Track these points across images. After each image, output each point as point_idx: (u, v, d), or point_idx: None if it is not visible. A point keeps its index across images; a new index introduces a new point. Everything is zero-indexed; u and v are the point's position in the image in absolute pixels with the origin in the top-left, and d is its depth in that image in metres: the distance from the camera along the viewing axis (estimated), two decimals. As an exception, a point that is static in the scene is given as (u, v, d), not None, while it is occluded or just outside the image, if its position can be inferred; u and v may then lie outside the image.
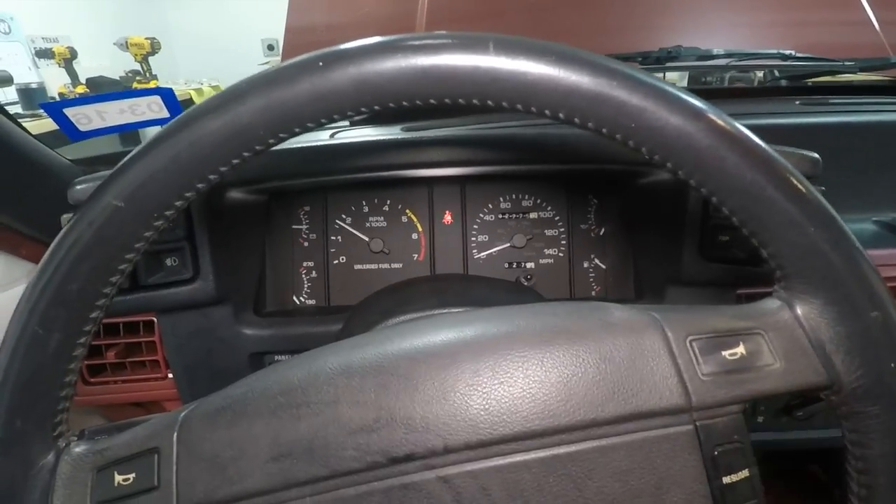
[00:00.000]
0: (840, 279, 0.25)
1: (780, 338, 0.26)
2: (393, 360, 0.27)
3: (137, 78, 3.04)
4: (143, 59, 2.99)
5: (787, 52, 0.76)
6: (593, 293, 0.64)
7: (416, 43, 0.25)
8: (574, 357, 0.26)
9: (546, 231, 0.63)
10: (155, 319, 0.54)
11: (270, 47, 3.73)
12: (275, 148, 0.27)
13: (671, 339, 0.26)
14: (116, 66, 3.22)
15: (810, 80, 0.88)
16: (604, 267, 0.63)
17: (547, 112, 0.26)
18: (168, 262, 0.49)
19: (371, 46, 0.25)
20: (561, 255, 0.63)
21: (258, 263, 0.59)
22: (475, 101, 0.26)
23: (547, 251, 0.63)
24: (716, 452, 0.25)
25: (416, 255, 0.64)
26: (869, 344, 0.25)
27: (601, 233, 0.63)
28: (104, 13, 3.66)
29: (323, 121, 0.26)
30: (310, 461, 0.25)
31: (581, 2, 0.89)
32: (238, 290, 0.55)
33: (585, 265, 0.64)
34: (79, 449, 0.28)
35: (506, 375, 0.26)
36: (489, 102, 0.26)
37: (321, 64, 0.25)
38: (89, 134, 0.59)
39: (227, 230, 0.53)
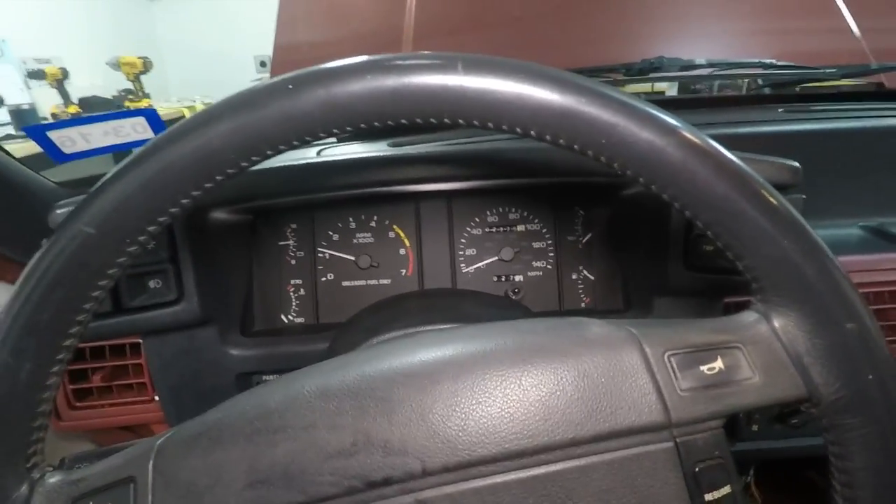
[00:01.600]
0: (814, 290, 0.25)
1: (757, 351, 0.26)
2: (371, 382, 0.27)
3: (129, 97, 3.05)
4: (136, 78, 3.01)
5: (769, 60, 0.77)
6: (582, 304, 0.63)
7: (386, 64, 0.25)
8: (552, 375, 0.26)
9: (534, 244, 0.63)
10: (141, 341, 0.54)
11: (263, 64, 3.74)
12: (259, 167, 0.27)
13: (649, 354, 0.26)
14: (109, 84, 3.24)
15: (793, 88, 0.89)
16: (592, 278, 0.63)
17: (518, 130, 0.26)
18: (152, 284, 0.49)
19: (340, 68, 0.25)
20: (549, 267, 0.63)
21: (245, 283, 0.59)
22: (446, 120, 0.26)
23: (535, 264, 0.63)
24: (697, 469, 0.25)
25: (405, 271, 0.63)
26: (846, 356, 0.25)
27: (588, 244, 0.63)
28: (96, 33, 3.68)
29: (295, 143, 0.26)
30: (286, 487, 0.25)
31: (564, 15, 0.90)
32: (224, 310, 0.54)
33: (574, 277, 0.63)
34: (53, 480, 0.27)
35: (484, 395, 0.26)
36: (460, 121, 0.26)
37: (290, 87, 0.25)
38: (74, 156, 0.59)
39: (211, 251, 0.52)
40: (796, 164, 0.47)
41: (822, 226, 0.67)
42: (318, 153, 0.64)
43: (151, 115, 0.59)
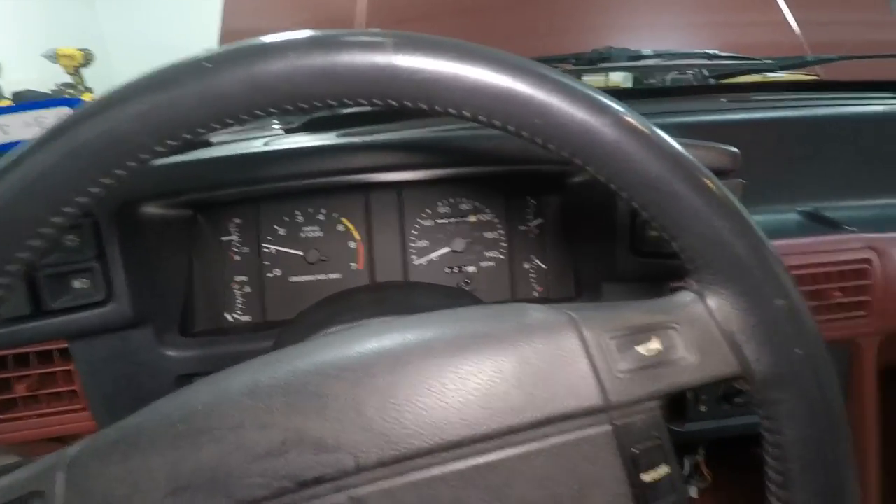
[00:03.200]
0: (745, 269, 0.25)
1: (693, 331, 0.26)
2: (303, 378, 0.26)
3: (69, 91, 2.89)
4: (75, 71, 2.85)
5: (712, 51, 0.79)
6: (535, 294, 0.64)
7: (311, 41, 0.24)
8: (491, 363, 0.25)
9: (486, 234, 0.63)
10: (69, 346, 0.50)
11: (214, 56, 3.62)
12: (197, 158, 0.25)
13: (588, 338, 0.26)
14: (47, 78, 3.06)
15: (736, 79, 0.92)
16: (544, 267, 0.63)
17: (452, 110, 0.25)
18: (77, 284, 0.45)
19: (262, 46, 0.24)
20: (501, 257, 0.63)
21: (184, 281, 0.56)
22: (377, 101, 0.25)
23: (487, 254, 0.63)
24: (635, 450, 0.25)
25: (355, 265, 0.62)
26: (775, 332, 0.25)
27: (540, 233, 0.63)
28: (31, 24, 3.47)
29: (215, 125, 0.25)
30: (212, 492, 0.24)
31: (516, 5, 0.90)
32: (161, 309, 0.52)
33: (526, 266, 0.63)
34: None
35: (421, 386, 0.25)
36: (391, 102, 0.25)
37: (209, 65, 0.24)
38: (-9, 149, 0.55)
39: (145, 247, 0.50)
40: (735, 149, 0.48)
41: (763, 210, 0.69)
42: (265, 144, 0.61)
43: (78, 104, 0.55)
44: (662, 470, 0.25)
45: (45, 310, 0.45)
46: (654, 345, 0.26)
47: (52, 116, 0.55)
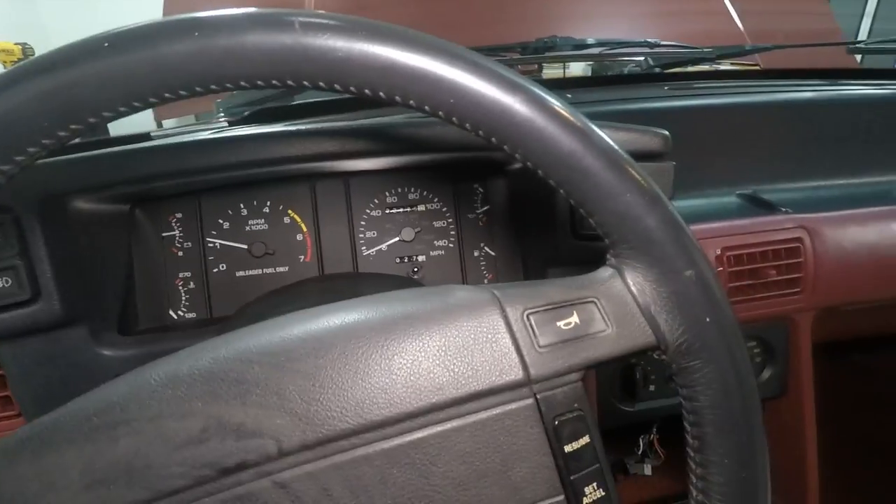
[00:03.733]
0: (656, 242, 0.26)
1: (611, 304, 0.27)
2: (224, 364, 0.25)
3: (8, 87, 2.74)
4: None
5: (654, 40, 0.81)
6: (485, 281, 0.64)
7: (217, 21, 0.23)
8: (416, 341, 0.26)
9: (434, 223, 0.63)
10: None
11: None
12: (129, 148, 0.24)
13: (509, 314, 0.26)
14: (-17, 74, 2.89)
15: (678, 68, 0.95)
16: (493, 254, 0.64)
17: (367, 91, 0.25)
18: None
19: (163, 25, 0.23)
20: (451, 245, 0.63)
21: (122, 277, 0.54)
22: (290, 82, 0.24)
23: (437, 243, 0.63)
24: (556, 422, 0.26)
25: (303, 257, 0.61)
26: (686, 302, 0.26)
27: (488, 221, 0.64)
28: (-36, 16, 3.27)
29: (121, 109, 0.24)
30: (129, 485, 0.23)
31: (464, -5, 0.90)
32: (95, 308, 0.50)
33: (476, 254, 0.64)
34: None
35: (346, 368, 0.25)
36: (305, 83, 0.24)
37: (107, 45, 0.23)
38: None
39: (77, 243, 0.48)
40: (665, 132, 0.49)
41: (704, 194, 0.72)
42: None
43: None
44: (584, 440, 0.26)
45: None
46: (574, 318, 0.26)
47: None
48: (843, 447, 0.90)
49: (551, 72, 1.01)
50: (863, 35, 3.67)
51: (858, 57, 1.09)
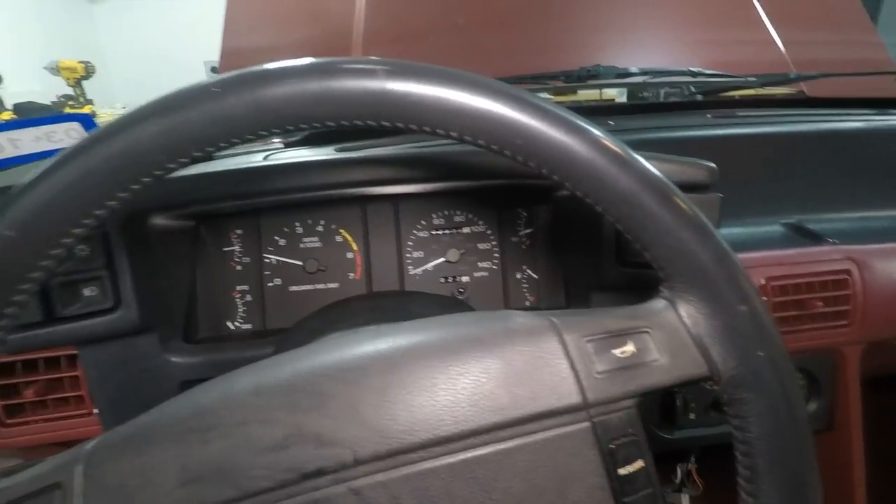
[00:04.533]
0: (710, 277, 0.27)
1: (664, 334, 0.28)
2: (303, 378, 0.27)
3: (70, 103, 2.92)
4: (76, 83, 2.88)
5: (697, 69, 0.82)
6: (527, 303, 0.66)
7: (310, 69, 0.26)
8: (478, 364, 0.27)
9: (479, 245, 0.65)
10: (77, 353, 0.52)
11: (214, 69, 3.66)
12: (202, 171, 0.28)
13: (567, 341, 0.28)
14: (48, 90, 3.09)
15: (724, 96, 0.95)
16: (536, 277, 0.66)
17: (440, 131, 0.27)
18: (87, 292, 0.47)
19: (266, 72, 0.26)
20: (494, 267, 0.65)
21: (187, 289, 0.58)
22: (371, 123, 0.27)
23: (480, 264, 0.65)
24: (612, 446, 0.27)
25: (353, 275, 0.64)
26: (739, 336, 0.27)
27: (531, 245, 0.66)
28: (33, 36, 3.51)
29: (222, 144, 0.27)
30: (220, 484, 0.25)
31: (508, 24, 0.93)
32: (165, 317, 0.54)
33: (518, 276, 0.66)
34: None
35: (413, 386, 0.27)
36: (384, 123, 0.27)
37: (217, 89, 0.26)
38: (1, 163, 0.57)
39: (151, 257, 0.52)
40: (712, 164, 0.50)
41: (747, 223, 0.72)
42: (265, 158, 0.63)
43: (86, 120, 0.58)
44: (638, 464, 0.27)
45: (57, 317, 0.47)
46: (629, 347, 0.28)
47: (61, 131, 0.58)
48: (894, 485, 0.87)
49: (585, 94, 1.02)
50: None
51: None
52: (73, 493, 0.26)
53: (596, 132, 0.27)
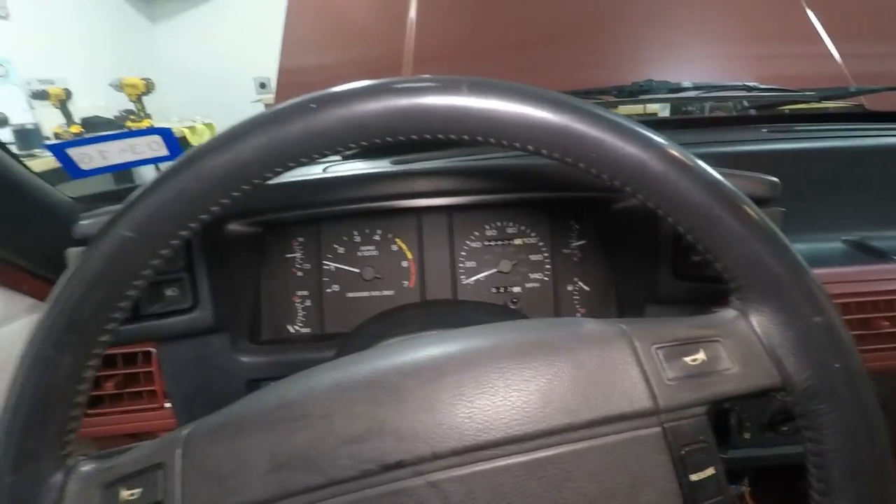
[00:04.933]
0: (785, 288, 0.28)
1: (736, 344, 0.29)
2: (383, 375, 0.29)
3: (131, 117, 3.10)
4: (137, 99, 3.06)
5: (752, 83, 0.81)
6: (578, 315, 0.66)
7: (399, 86, 0.28)
8: (550, 367, 0.28)
9: (531, 256, 0.66)
10: (153, 350, 0.56)
11: (263, 85, 3.81)
12: (270, 182, 0.30)
13: (638, 348, 0.29)
14: (111, 105, 3.28)
15: (779, 109, 0.94)
16: (587, 289, 0.66)
17: (517, 145, 0.29)
18: (168, 292, 0.51)
19: (358, 90, 0.28)
20: (546, 278, 0.66)
21: (253, 293, 0.61)
22: (452, 136, 0.29)
23: (532, 275, 0.66)
24: (683, 452, 0.27)
25: (407, 283, 0.66)
26: (814, 347, 0.27)
27: (583, 256, 0.66)
28: (98, 54, 3.74)
29: (315, 156, 0.29)
30: (306, 471, 0.27)
31: (558, 40, 0.94)
32: (235, 318, 0.57)
33: (569, 288, 0.66)
34: (86, 467, 0.29)
35: (488, 386, 0.28)
36: (465, 137, 0.29)
37: (314, 106, 0.28)
38: (91, 172, 0.62)
39: (224, 261, 0.55)
40: (775, 179, 0.50)
41: (806, 239, 0.70)
42: (325, 170, 0.67)
43: (167, 134, 0.62)
44: (709, 471, 0.28)
45: (141, 314, 0.50)
46: (700, 356, 0.28)
47: (145, 144, 0.62)
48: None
49: (627, 109, 1.01)
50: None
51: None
52: (173, 472, 0.28)
53: (668, 144, 0.28)
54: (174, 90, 4.30)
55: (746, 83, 0.82)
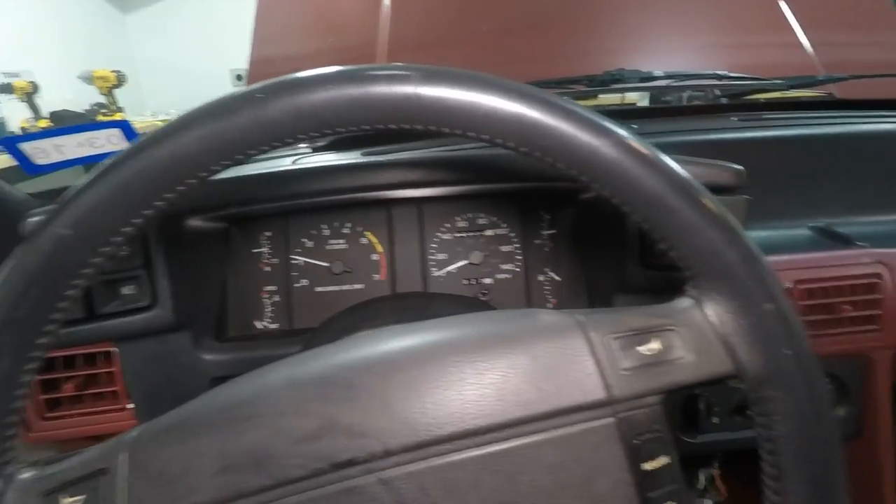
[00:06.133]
0: (737, 276, 0.28)
1: (690, 333, 0.29)
2: (335, 371, 0.29)
3: (102, 111, 3.01)
4: (109, 92, 2.98)
5: (722, 72, 0.81)
6: (549, 305, 0.66)
7: (349, 74, 0.27)
8: (505, 360, 0.28)
9: (501, 247, 0.66)
10: (113, 349, 0.54)
11: (239, 77, 3.73)
12: (235, 175, 0.29)
13: (593, 338, 0.28)
14: (81, 99, 3.19)
15: (750, 99, 0.94)
16: (558, 279, 0.66)
17: (471, 134, 0.28)
18: (125, 290, 0.49)
19: (307, 78, 0.27)
20: (517, 269, 0.66)
21: (219, 289, 0.60)
22: (405, 126, 0.28)
23: (503, 266, 0.66)
24: (636, 442, 0.27)
25: (377, 276, 0.65)
26: (765, 334, 0.27)
27: (554, 247, 0.66)
28: (67, 46, 3.63)
29: (264, 148, 0.28)
30: (256, 472, 0.26)
31: (531, 30, 0.94)
32: (198, 316, 0.55)
33: (541, 278, 0.66)
34: (25, 476, 0.28)
35: (441, 380, 0.28)
36: (418, 126, 0.28)
37: (261, 95, 0.27)
38: (48, 167, 0.60)
39: (185, 257, 0.54)
40: (740, 167, 0.50)
41: (775, 226, 0.71)
42: (294, 162, 0.65)
43: (126, 127, 0.60)
44: (662, 460, 0.28)
45: (97, 314, 0.49)
46: (655, 345, 0.28)
47: (103, 138, 0.60)
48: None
49: (607, 98, 1.02)
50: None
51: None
52: (117, 478, 0.27)
53: (623, 133, 0.28)
54: (148, 83, 4.20)
55: (718, 72, 0.83)
